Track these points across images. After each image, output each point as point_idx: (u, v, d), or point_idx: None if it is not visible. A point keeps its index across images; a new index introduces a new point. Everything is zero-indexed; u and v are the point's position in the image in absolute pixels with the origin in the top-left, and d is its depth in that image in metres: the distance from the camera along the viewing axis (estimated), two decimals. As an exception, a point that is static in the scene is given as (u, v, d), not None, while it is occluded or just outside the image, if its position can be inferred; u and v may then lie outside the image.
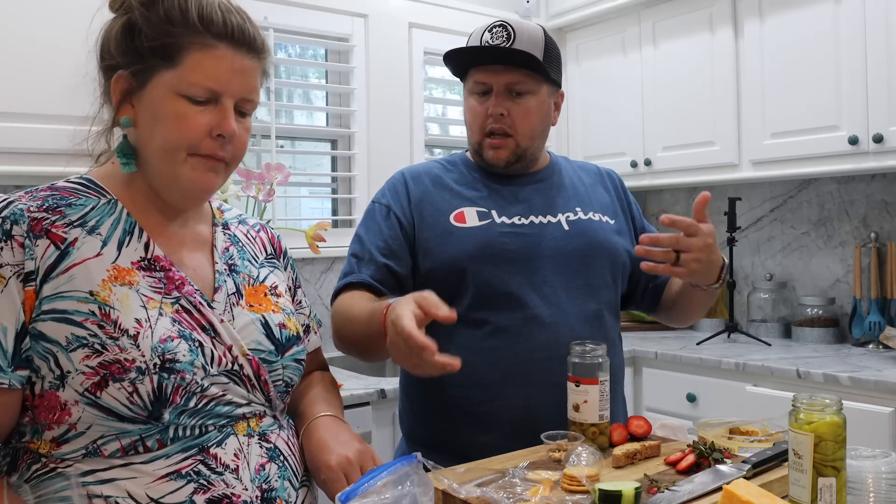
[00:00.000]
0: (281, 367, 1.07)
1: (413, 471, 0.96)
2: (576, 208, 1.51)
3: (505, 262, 1.42)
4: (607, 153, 3.20)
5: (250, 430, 1.01)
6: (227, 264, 1.10)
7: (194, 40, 0.97)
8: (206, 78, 0.97)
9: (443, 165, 1.56)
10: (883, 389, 2.10)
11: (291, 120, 2.93)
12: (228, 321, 1.03)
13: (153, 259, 1.00)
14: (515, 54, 1.40)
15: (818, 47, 2.50)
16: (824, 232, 2.90)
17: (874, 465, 1.02)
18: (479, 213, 1.46)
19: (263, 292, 1.12)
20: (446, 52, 1.47)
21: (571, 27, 3.34)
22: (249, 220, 1.24)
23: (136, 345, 0.91)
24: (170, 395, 0.93)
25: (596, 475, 1.03)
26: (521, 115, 1.44)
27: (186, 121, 0.97)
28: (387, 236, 1.45)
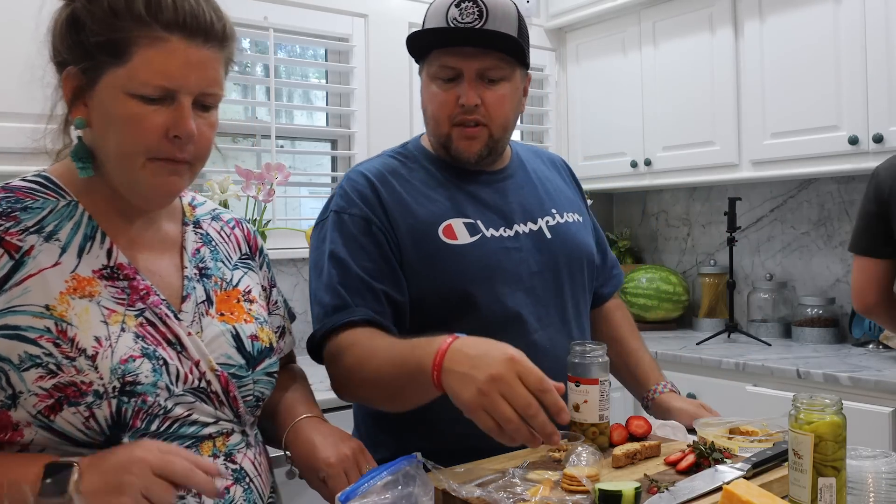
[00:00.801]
0: (252, 382, 1.01)
1: (413, 471, 0.96)
2: (552, 210, 1.40)
3: (502, 283, 1.28)
4: (607, 153, 3.20)
5: (216, 451, 0.96)
6: (197, 268, 1.03)
7: (142, 33, 0.88)
8: (157, 75, 0.88)
9: (401, 161, 1.36)
10: (883, 389, 2.10)
11: (291, 120, 2.92)
12: (196, 333, 0.96)
13: (116, 267, 0.93)
14: (493, 36, 1.23)
15: (818, 47, 2.50)
16: (824, 232, 2.90)
17: (874, 465, 1.02)
18: (467, 225, 1.29)
19: (236, 298, 1.05)
20: (412, 34, 1.28)
21: (571, 27, 3.34)
22: (224, 216, 1.15)
23: (93, 366, 0.85)
24: (129, 419, 0.86)
25: (596, 475, 1.03)
26: (496, 103, 1.28)
27: (140, 123, 0.89)
28: (374, 256, 1.24)
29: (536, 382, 0.91)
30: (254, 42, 2.78)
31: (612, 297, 1.59)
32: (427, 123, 1.35)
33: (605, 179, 3.22)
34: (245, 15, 2.59)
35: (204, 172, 2.63)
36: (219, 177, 2.36)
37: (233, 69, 1.01)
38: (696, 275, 3.26)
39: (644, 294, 3.13)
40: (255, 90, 2.80)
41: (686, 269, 3.37)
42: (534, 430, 0.90)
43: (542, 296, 1.32)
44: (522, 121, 3.49)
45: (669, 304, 3.14)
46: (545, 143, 3.42)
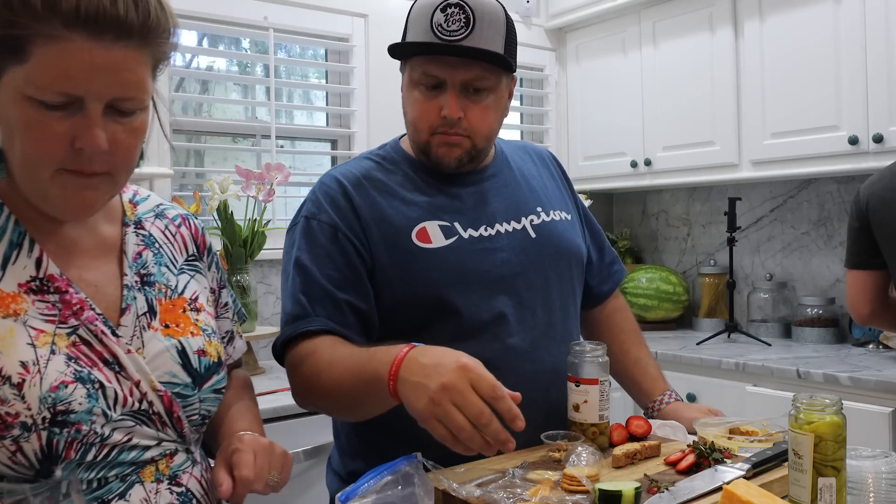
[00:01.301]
0: (198, 401, 0.93)
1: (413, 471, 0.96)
2: (537, 209, 1.35)
3: (480, 286, 1.23)
4: (607, 153, 3.20)
5: (159, 475, 0.89)
6: (138, 275, 0.94)
7: (40, 30, 0.75)
8: (56, 79, 0.76)
9: (379, 164, 1.32)
10: (883, 389, 2.10)
11: (291, 120, 2.92)
12: (137, 350, 0.88)
13: (46, 279, 0.84)
14: (480, 52, 1.18)
15: (818, 47, 2.50)
16: (824, 232, 2.90)
17: (874, 465, 1.02)
18: (443, 227, 1.25)
19: (182, 307, 0.96)
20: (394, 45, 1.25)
21: (571, 27, 3.34)
22: (169, 212, 1.04)
23: (20, 395, 0.76)
24: (62, 451, 0.79)
25: (596, 475, 1.03)
26: (480, 115, 1.24)
27: (42, 132, 0.77)
28: (339, 264, 1.21)
29: (489, 390, 0.89)
30: (254, 42, 2.78)
31: (612, 295, 1.55)
32: (407, 126, 1.31)
33: (605, 179, 3.22)
34: (245, 15, 2.59)
35: (204, 172, 2.63)
36: (219, 177, 2.36)
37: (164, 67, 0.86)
38: (696, 275, 3.26)
39: (644, 294, 3.13)
40: (255, 90, 2.80)
41: (686, 269, 3.37)
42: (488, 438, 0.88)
43: (525, 297, 1.28)
44: (522, 121, 3.49)
45: (669, 304, 3.14)
46: (545, 143, 3.42)
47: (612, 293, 1.54)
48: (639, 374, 1.49)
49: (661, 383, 1.47)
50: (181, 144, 2.54)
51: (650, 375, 1.48)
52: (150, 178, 2.32)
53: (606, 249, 1.55)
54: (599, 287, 1.51)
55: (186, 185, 2.60)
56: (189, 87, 2.77)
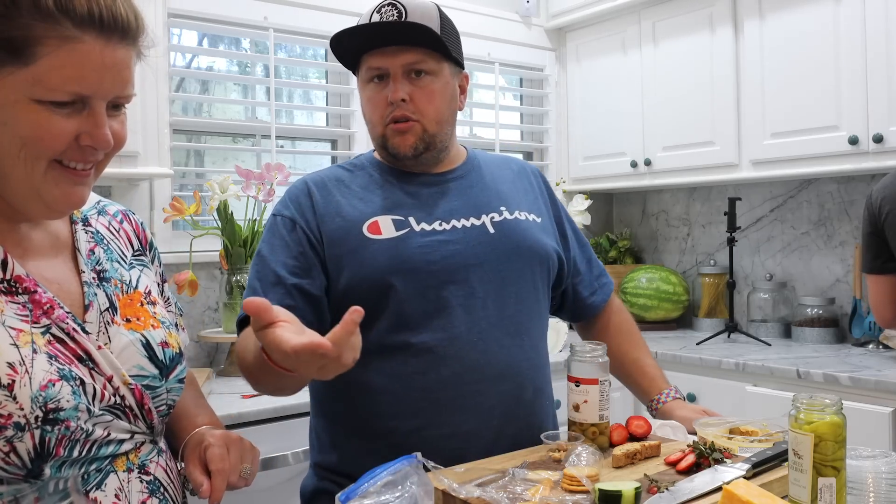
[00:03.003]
0: (165, 392, 0.95)
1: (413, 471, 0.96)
2: (500, 207, 1.38)
3: (427, 275, 1.28)
4: (607, 153, 3.20)
5: (129, 464, 0.91)
6: (94, 271, 0.94)
7: (50, 32, 0.76)
8: (69, 80, 0.78)
9: (347, 170, 1.40)
10: (883, 389, 2.10)
11: (291, 120, 2.93)
12: (105, 345, 0.89)
13: (14, 280, 0.83)
14: (411, 28, 1.27)
15: (818, 47, 2.50)
16: (824, 232, 2.90)
17: (874, 465, 1.02)
18: (395, 221, 1.31)
19: (139, 301, 0.97)
20: (333, 38, 1.31)
21: (571, 27, 3.34)
22: (109, 209, 1.04)
23: (11, 396, 0.77)
24: (53, 448, 0.80)
25: (596, 475, 1.03)
26: (425, 97, 1.30)
27: (48, 130, 0.79)
28: (295, 253, 1.29)
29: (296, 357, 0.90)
30: (254, 42, 2.78)
31: (604, 306, 1.57)
32: (367, 127, 1.38)
33: (605, 179, 3.22)
34: (245, 15, 2.59)
35: (204, 173, 2.63)
36: (219, 177, 2.36)
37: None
38: (696, 275, 3.26)
39: (644, 294, 3.13)
40: (255, 90, 2.80)
41: (686, 269, 3.37)
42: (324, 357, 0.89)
43: (477, 288, 1.31)
44: (522, 120, 3.49)
45: (669, 304, 3.14)
46: (545, 144, 3.42)
47: (604, 304, 1.57)
48: (637, 374, 1.52)
49: (660, 382, 1.49)
50: (181, 144, 2.54)
51: (648, 375, 1.51)
52: (149, 178, 2.32)
53: (594, 262, 1.59)
54: (591, 298, 1.55)
55: (186, 185, 2.60)
56: (189, 87, 2.77)
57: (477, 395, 1.28)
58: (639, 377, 1.51)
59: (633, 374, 1.52)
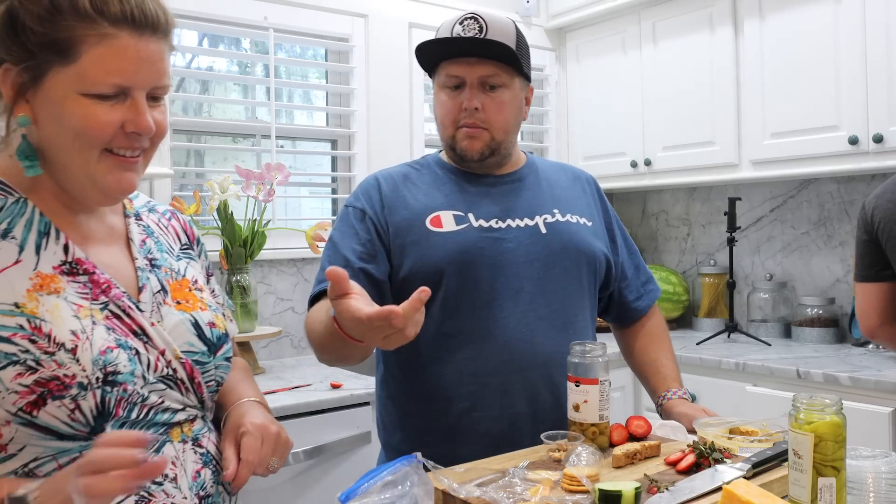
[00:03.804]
0: (213, 368, 1.03)
1: (413, 471, 0.96)
2: (553, 210, 1.48)
3: (482, 268, 1.38)
4: (607, 153, 3.20)
5: (184, 436, 0.98)
6: (146, 259, 1.03)
7: (89, 31, 0.85)
8: (110, 73, 0.87)
9: (415, 168, 1.51)
10: (883, 389, 2.10)
11: (291, 120, 2.93)
12: (158, 322, 0.97)
13: (75, 262, 0.92)
14: (491, 45, 1.37)
15: (818, 47, 2.50)
16: (824, 232, 2.90)
17: (874, 465, 1.02)
18: (456, 216, 1.42)
19: (187, 287, 1.06)
20: (418, 46, 1.42)
21: (571, 27, 3.34)
22: (159, 208, 1.15)
23: (75, 359, 0.85)
24: (112, 408, 0.88)
25: (596, 475, 1.03)
26: (496, 108, 1.41)
27: (96, 120, 0.88)
28: (363, 240, 1.40)
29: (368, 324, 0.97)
30: (254, 42, 2.78)
31: (649, 311, 1.64)
32: (437, 127, 1.48)
33: (605, 179, 3.22)
34: (245, 15, 2.59)
35: (204, 172, 2.63)
36: (219, 177, 2.36)
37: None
38: (696, 275, 3.26)
39: (644, 294, 3.13)
40: (255, 90, 2.80)
41: (686, 269, 3.37)
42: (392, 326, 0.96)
43: (525, 285, 1.40)
44: (522, 121, 3.48)
45: (669, 304, 3.14)
46: (545, 143, 3.42)
47: (648, 308, 1.64)
48: (652, 372, 1.57)
49: (670, 382, 1.53)
50: (181, 144, 2.54)
51: (661, 374, 1.55)
52: (150, 177, 2.32)
53: (642, 269, 1.66)
54: (636, 303, 1.62)
55: (186, 185, 2.60)
56: (189, 87, 2.77)
57: (524, 381, 1.37)
58: (652, 375, 1.57)
59: (649, 373, 1.58)
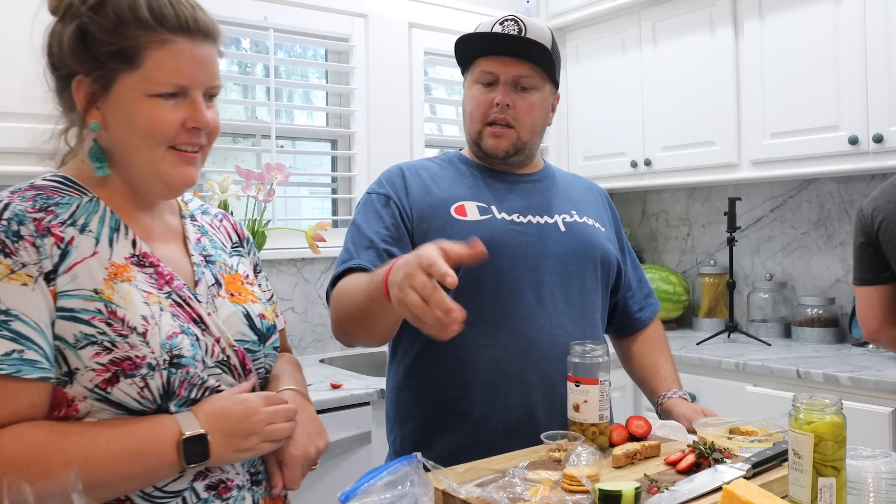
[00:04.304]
0: (263, 356, 1.12)
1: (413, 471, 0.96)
2: (571, 211, 1.52)
3: (505, 259, 1.40)
4: (607, 153, 3.20)
5: None
6: (201, 255, 1.12)
7: (151, 38, 0.97)
8: (171, 74, 0.98)
9: (437, 163, 1.55)
10: (883, 389, 2.10)
11: (291, 120, 2.93)
12: (213, 312, 1.06)
13: (141, 255, 1.02)
14: (528, 45, 1.41)
15: (818, 47, 2.50)
16: (824, 232, 2.90)
17: (874, 465, 1.02)
18: (480, 207, 1.44)
19: (239, 281, 1.15)
20: (458, 39, 1.46)
21: (571, 27, 3.34)
22: (211, 210, 1.25)
23: (145, 342, 0.94)
24: (176, 388, 0.97)
25: (596, 475, 1.03)
26: (526, 108, 1.45)
27: (161, 119, 0.98)
28: (388, 224, 1.43)
29: (428, 267, 1.00)
30: (254, 42, 2.78)
31: (650, 323, 1.67)
32: (465, 122, 1.52)
33: (605, 179, 3.22)
34: (245, 15, 2.59)
35: (204, 172, 2.63)
36: (219, 177, 2.36)
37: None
38: (696, 275, 3.26)
39: (644, 294, 3.13)
40: (255, 90, 2.80)
41: (686, 269, 3.37)
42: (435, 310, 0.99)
43: (545, 278, 1.43)
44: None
45: (669, 304, 3.14)
46: (545, 143, 3.42)
47: (650, 320, 1.68)
48: (651, 375, 1.59)
49: (670, 383, 1.55)
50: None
51: (661, 376, 1.57)
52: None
53: (644, 282, 1.70)
54: (639, 314, 1.66)
55: (186, 185, 2.60)
56: (189, 87, 2.76)
57: (542, 371, 1.39)
58: (652, 377, 1.58)
59: (648, 375, 1.59)
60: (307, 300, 2.74)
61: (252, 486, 1.05)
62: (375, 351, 2.76)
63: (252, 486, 1.05)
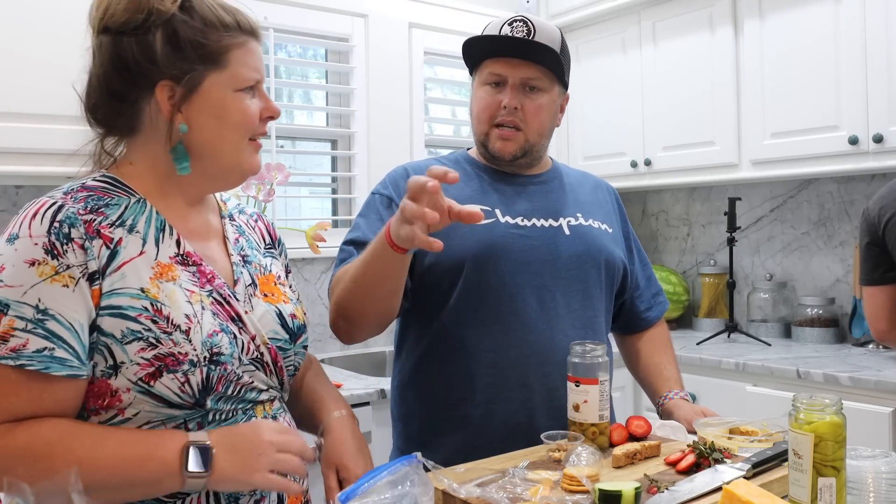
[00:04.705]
0: (293, 354, 1.16)
1: (413, 471, 0.96)
2: (577, 213, 1.51)
3: (507, 262, 1.40)
4: (607, 153, 3.20)
5: (266, 414, 1.09)
6: (240, 255, 1.17)
7: (233, 40, 1.06)
8: (251, 70, 1.08)
9: (443, 163, 1.54)
10: (883, 389, 2.10)
11: (291, 120, 2.93)
12: (249, 311, 1.10)
13: (185, 255, 1.06)
14: (537, 48, 1.40)
15: (818, 47, 2.50)
16: (824, 232, 2.90)
17: (874, 465, 1.02)
18: (484, 211, 1.42)
19: (273, 281, 1.19)
20: (467, 39, 1.45)
21: (571, 27, 3.34)
22: (247, 210, 1.30)
23: (188, 339, 0.98)
24: (214, 384, 1.01)
25: (596, 475, 1.03)
26: (534, 111, 1.44)
27: (250, 111, 1.08)
28: None
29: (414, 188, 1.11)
30: (254, 42, 2.78)
31: (657, 322, 1.66)
32: (472, 123, 1.51)
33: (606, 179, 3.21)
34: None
35: (204, 172, 2.63)
36: (219, 177, 2.36)
37: None
38: (696, 275, 3.26)
39: (644, 294, 3.13)
40: (255, 90, 2.80)
41: (686, 269, 3.37)
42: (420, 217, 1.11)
43: (548, 282, 1.42)
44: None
45: (669, 304, 3.14)
46: (545, 143, 3.42)
47: (657, 319, 1.67)
48: (654, 375, 1.59)
49: (672, 384, 1.55)
50: (181, 144, 2.53)
51: (664, 377, 1.57)
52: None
53: (653, 280, 1.69)
54: (646, 313, 1.65)
55: (186, 185, 2.60)
56: (189, 87, 2.76)
57: (543, 375, 1.38)
58: (655, 377, 1.58)
59: (651, 375, 1.59)
60: (307, 300, 2.74)
61: None
62: (375, 351, 2.76)
63: None
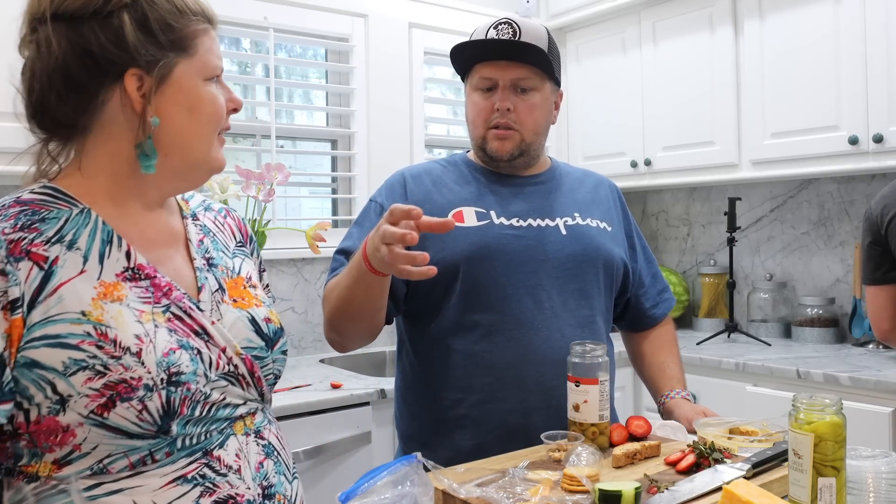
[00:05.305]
0: (271, 362, 1.08)
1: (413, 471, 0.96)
2: (574, 213, 1.51)
3: (501, 263, 1.41)
4: (607, 153, 3.20)
5: (247, 429, 1.02)
6: (204, 259, 1.08)
7: (199, 26, 1.01)
8: (216, 59, 1.03)
9: (442, 166, 1.55)
10: (883, 389, 2.10)
11: (291, 120, 2.92)
12: (217, 321, 1.02)
13: (136, 268, 0.97)
14: (523, 48, 1.41)
15: (818, 47, 2.50)
16: (824, 232, 2.90)
17: (874, 465, 1.02)
18: (478, 213, 1.45)
19: (242, 284, 1.11)
20: (453, 48, 1.46)
21: (571, 27, 3.34)
22: (214, 206, 1.20)
23: (140, 362, 0.89)
24: (177, 407, 0.92)
25: (596, 475, 1.03)
26: (527, 110, 1.45)
27: (217, 102, 1.02)
28: None
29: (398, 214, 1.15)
30: (254, 42, 2.78)
31: (663, 320, 1.66)
32: (468, 129, 1.52)
33: (605, 179, 3.22)
34: (245, 15, 2.59)
35: (204, 172, 2.63)
36: (219, 177, 2.36)
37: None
38: (696, 275, 3.26)
39: (644, 294, 3.13)
40: (255, 90, 2.80)
41: (686, 269, 3.37)
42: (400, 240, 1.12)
43: (544, 282, 1.42)
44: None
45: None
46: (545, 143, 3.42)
47: (663, 317, 1.66)
48: (657, 374, 1.59)
49: (674, 383, 1.55)
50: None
51: (666, 375, 1.57)
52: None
53: (659, 278, 1.68)
54: (652, 311, 1.64)
55: (186, 185, 2.59)
56: (189, 87, 2.76)
57: (539, 376, 1.38)
58: (658, 376, 1.58)
59: (654, 374, 1.59)
60: (307, 300, 2.74)
61: (264, 500, 1.00)
62: (375, 351, 2.76)
63: (264, 500, 1.00)
